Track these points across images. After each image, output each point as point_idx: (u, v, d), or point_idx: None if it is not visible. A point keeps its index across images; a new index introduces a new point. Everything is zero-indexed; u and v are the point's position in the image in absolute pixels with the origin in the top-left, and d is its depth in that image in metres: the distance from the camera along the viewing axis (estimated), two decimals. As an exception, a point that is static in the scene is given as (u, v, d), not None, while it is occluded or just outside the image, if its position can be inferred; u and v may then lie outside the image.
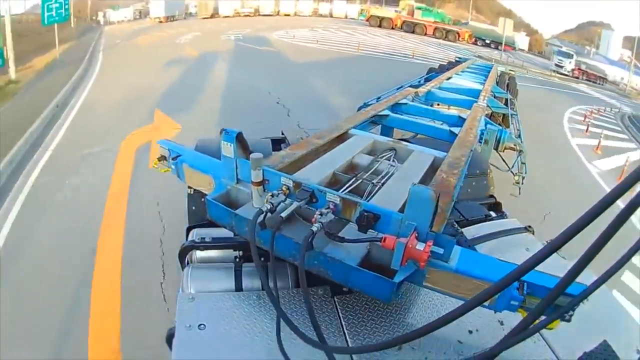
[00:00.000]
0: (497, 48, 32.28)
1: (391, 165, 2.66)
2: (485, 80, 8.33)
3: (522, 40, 34.81)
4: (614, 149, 12.39)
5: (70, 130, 9.57)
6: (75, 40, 22.90)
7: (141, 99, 11.74)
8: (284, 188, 1.89)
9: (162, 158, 2.50)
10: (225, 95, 12.53)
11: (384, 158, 2.77)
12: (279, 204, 1.81)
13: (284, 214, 1.73)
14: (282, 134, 4.32)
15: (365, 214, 1.71)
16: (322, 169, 2.42)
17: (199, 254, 2.27)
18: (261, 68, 17.03)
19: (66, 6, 18.23)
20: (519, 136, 5.86)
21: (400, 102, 4.95)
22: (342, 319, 1.89)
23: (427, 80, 7.95)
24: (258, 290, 2.02)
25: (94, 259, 4.97)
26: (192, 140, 3.40)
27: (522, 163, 5.22)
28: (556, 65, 28.48)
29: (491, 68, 10.75)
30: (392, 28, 35.43)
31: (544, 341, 1.84)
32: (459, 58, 12.19)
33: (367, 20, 37.18)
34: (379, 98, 6.04)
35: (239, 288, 2.04)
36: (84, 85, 13.84)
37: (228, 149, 2.02)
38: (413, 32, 34.86)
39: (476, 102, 5.85)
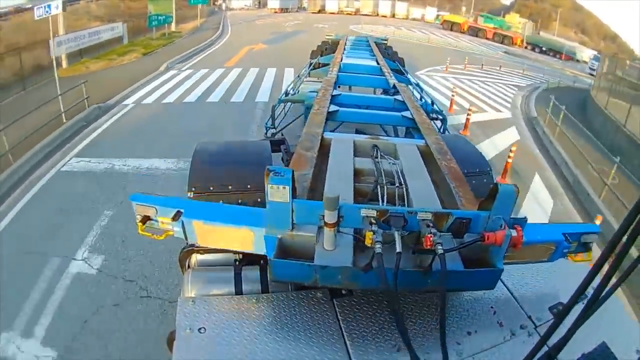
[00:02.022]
0: (554, 56, 39.71)
1: (392, 164, 2.95)
2: (371, 55, 9.44)
3: (587, 55, 40.55)
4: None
5: (219, 48, 24.36)
6: (205, 17, 38.86)
7: (254, 41, 26.46)
8: (372, 221, 1.90)
9: (147, 219, 2.12)
10: (291, 44, 26.55)
11: (380, 157, 3.07)
12: (382, 239, 1.82)
13: (398, 249, 1.78)
14: (282, 135, 4.90)
15: (463, 221, 1.95)
16: (342, 185, 2.56)
17: (199, 257, 2.45)
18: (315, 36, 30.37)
19: (209, -7, 33.96)
20: (433, 104, 6.42)
21: (334, 94, 5.16)
22: (340, 321, 2.03)
23: (318, 64, 8.52)
24: (257, 293, 2.20)
25: (231, 57, 20.17)
26: (261, 56, 16.60)
27: (445, 129, 5.90)
28: (590, 68, 34.75)
29: (366, 41, 12.16)
30: (462, 32, 44.98)
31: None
32: (329, 35, 13.50)
33: (441, 24, 47.73)
34: (287, 93, 6.53)
35: (238, 291, 2.21)
36: (223, 37, 28.88)
37: (281, 194, 1.88)
38: (476, 35, 43.56)
39: (385, 79, 6.66)
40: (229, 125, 11.03)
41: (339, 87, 6.45)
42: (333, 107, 4.52)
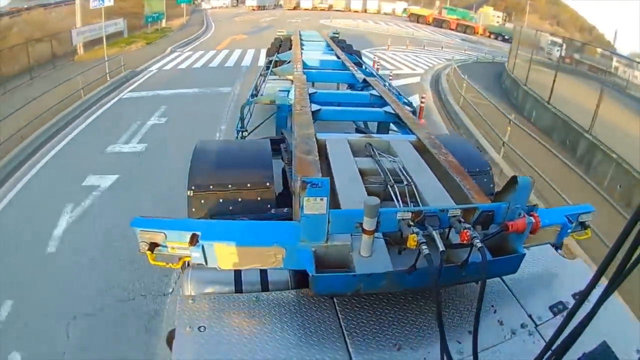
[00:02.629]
0: (515, 42, 44.77)
1: (392, 161, 3.06)
2: (329, 50, 9.96)
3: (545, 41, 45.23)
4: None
5: (208, 39, 30.34)
6: (189, 15, 44.55)
7: (235, 33, 32.37)
8: (410, 223, 1.94)
9: (155, 245, 2.04)
10: (266, 34, 31.43)
11: (380, 156, 3.16)
12: (425, 241, 1.86)
13: (441, 248, 1.84)
14: (282, 133, 4.87)
15: (489, 213, 2.09)
16: (353, 187, 2.63)
17: None
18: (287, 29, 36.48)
19: (193, -8, 39.63)
20: (399, 94, 6.47)
21: (310, 92, 5.20)
22: (341, 320, 2.06)
23: (276, 62, 8.64)
24: (257, 292, 2.20)
25: (218, 44, 25.56)
26: (242, 43, 23.86)
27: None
28: (547, 52, 39.76)
29: (320, 36, 12.71)
30: (427, 24, 48.55)
31: (543, 341, 1.99)
32: (280, 31, 13.98)
33: (407, 17, 51.94)
34: (253, 95, 6.52)
35: (238, 290, 2.22)
36: (208, 31, 34.77)
37: (318, 206, 1.88)
38: (441, 26, 47.40)
39: (351, 73, 7.02)
40: (226, 76, 17.04)
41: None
42: (315, 107, 4.58)
